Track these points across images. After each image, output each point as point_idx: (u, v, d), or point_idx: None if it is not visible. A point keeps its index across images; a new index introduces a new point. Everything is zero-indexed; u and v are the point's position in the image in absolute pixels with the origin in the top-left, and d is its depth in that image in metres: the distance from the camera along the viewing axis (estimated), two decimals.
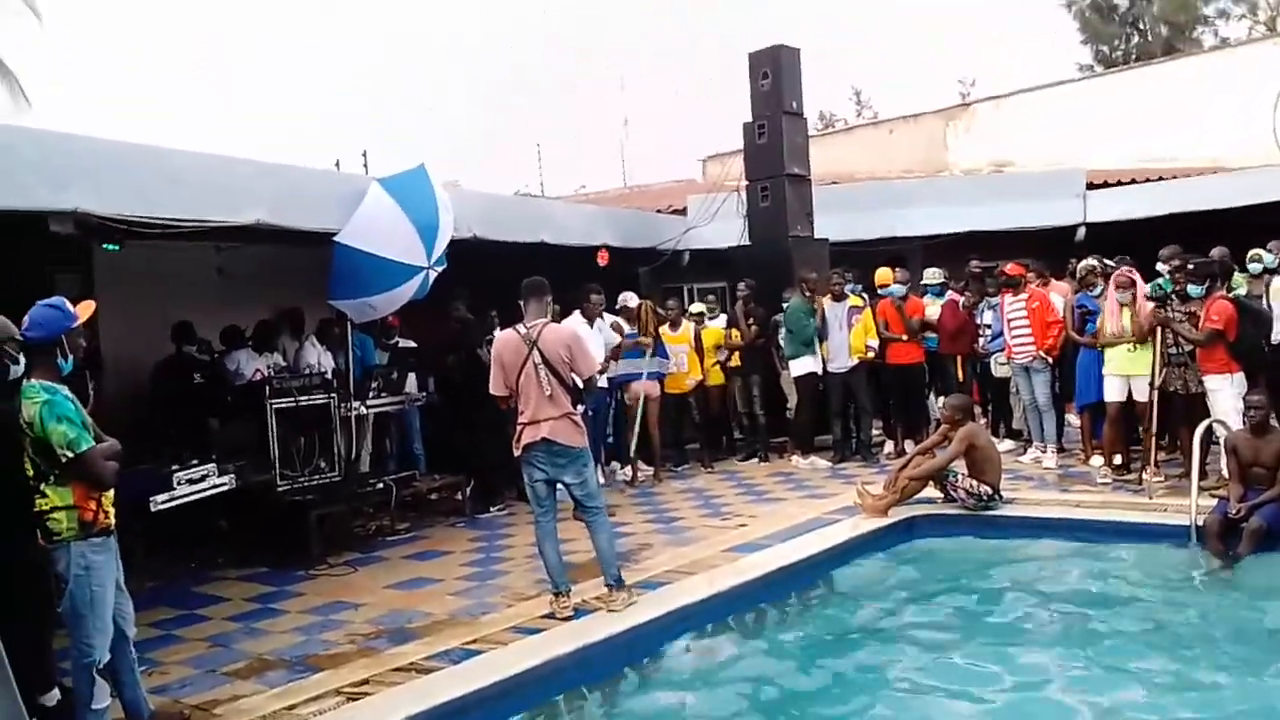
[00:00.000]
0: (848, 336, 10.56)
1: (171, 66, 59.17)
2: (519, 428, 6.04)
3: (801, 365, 10.62)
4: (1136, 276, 8.73)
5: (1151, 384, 8.25)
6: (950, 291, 11.11)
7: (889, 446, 11.00)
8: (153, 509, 6.59)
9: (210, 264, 9.76)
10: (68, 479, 4.25)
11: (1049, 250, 11.95)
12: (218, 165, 7.35)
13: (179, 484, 6.85)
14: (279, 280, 9.61)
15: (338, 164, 10.25)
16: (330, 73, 69.05)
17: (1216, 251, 8.93)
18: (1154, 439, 8.25)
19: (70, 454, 4.20)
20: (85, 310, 4.59)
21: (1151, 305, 8.31)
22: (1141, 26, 30.01)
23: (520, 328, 6.09)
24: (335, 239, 7.65)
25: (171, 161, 7.00)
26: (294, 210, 7.59)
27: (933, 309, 10.96)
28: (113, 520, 4.43)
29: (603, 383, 8.82)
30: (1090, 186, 14.45)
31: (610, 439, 10.26)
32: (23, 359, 4.41)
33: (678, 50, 68.84)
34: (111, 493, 4.44)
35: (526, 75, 69.49)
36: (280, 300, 9.74)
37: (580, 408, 6.22)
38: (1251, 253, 9.02)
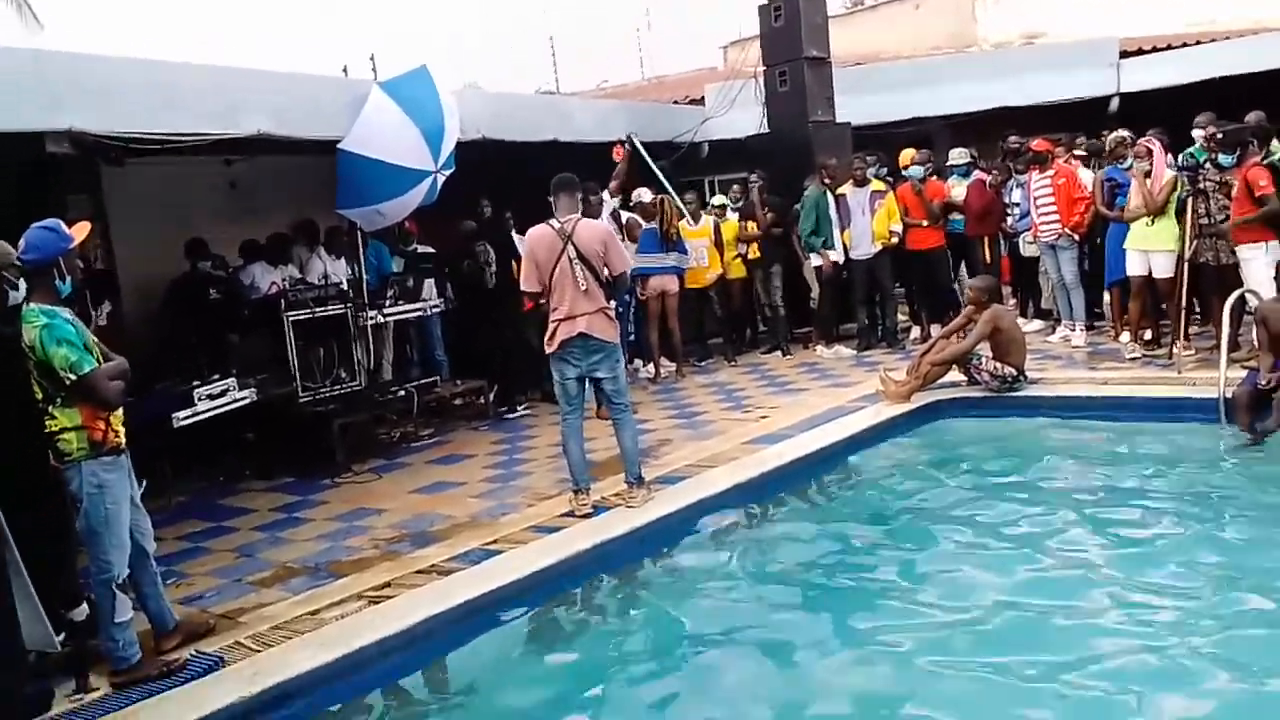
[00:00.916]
0: (870, 222, 10.36)
1: None
2: (553, 324, 6.02)
3: (822, 256, 10.45)
4: (1155, 146, 8.44)
5: (1180, 256, 8.04)
6: (977, 171, 10.80)
7: (915, 332, 10.85)
8: (175, 425, 6.66)
9: (222, 179, 9.71)
10: (74, 400, 4.26)
11: (1083, 124, 11.58)
12: (216, 76, 7.21)
13: (200, 400, 6.89)
14: (293, 192, 9.52)
15: (345, 70, 10.05)
16: None
17: (1252, 116, 8.59)
18: (1183, 312, 8.06)
19: (73, 376, 4.20)
20: (81, 231, 4.56)
21: (1170, 174, 8.05)
22: None
23: (554, 222, 6.03)
24: (339, 146, 7.54)
25: (168, 75, 6.87)
26: (297, 119, 7.46)
27: (958, 190, 10.69)
28: (123, 439, 4.45)
29: None
30: (1124, 55, 13.87)
31: (632, 336, 10.20)
32: (23, 284, 4.39)
33: None
34: (120, 411, 4.45)
35: None
36: (296, 212, 9.67)
37: (613, 303, 6.19)
38: None
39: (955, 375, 8.01)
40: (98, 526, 4.29)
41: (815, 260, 10.55)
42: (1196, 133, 8.79)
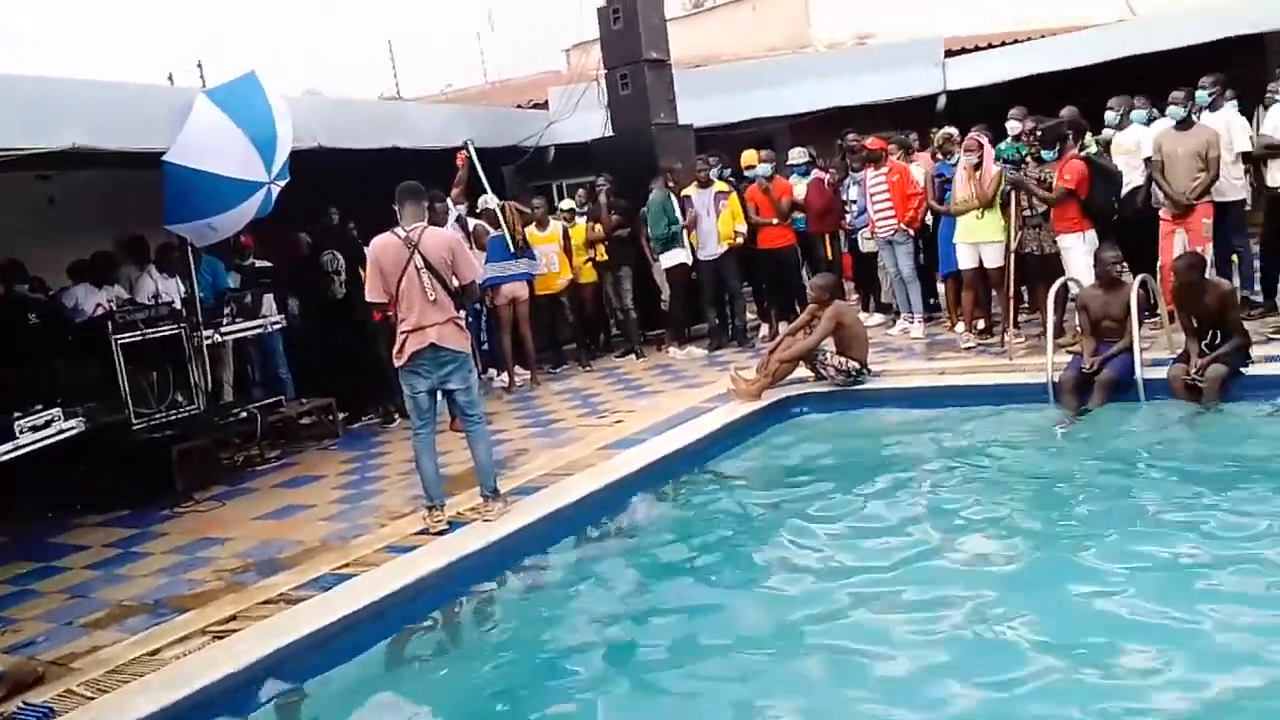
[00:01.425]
0: (715, 223, 10.48)
1: None
2: (402, 336, 5.86)
3: (671, 258, 10.56)
4: (984, 140, 8.81)
5: (1007, 246, 8.42)
6: (815, 170, 11.07)
7: (764, 330, 11.04)
8: None
9: (40, 194, 9.17)
10: None
11: (914, 122, 12.02)
12: (25, 85, 6.80)
13: (22, 432, 6.49)
14: (118, 207, 9.06)
15: (170, 78, 9.60)
16: None
17: (1066, 112, 9.07)
18: (1012, 301, 8.45)
19: None
20: None
21: (998, 169, 8.44)
22: None
23: (399, 231, 5.88)
24: (163, 159, 7.21)
25: None
26: (115, 130, 7.11)
27: (800, 189, 10.93)
28: None
29: None
30: (949, 54, 14.50)
31: (484, 345, 10.08)
32: None
33: None
34: None
35: None
36: (121, 229, 9.19)
37: (462, 312, 6.08)
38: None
39: (803, 371, 8.18)
40: None
41: (665, 262, 10.63)
42: (1011, 125, 9.25)
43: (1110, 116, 9.06)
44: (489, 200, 9.84)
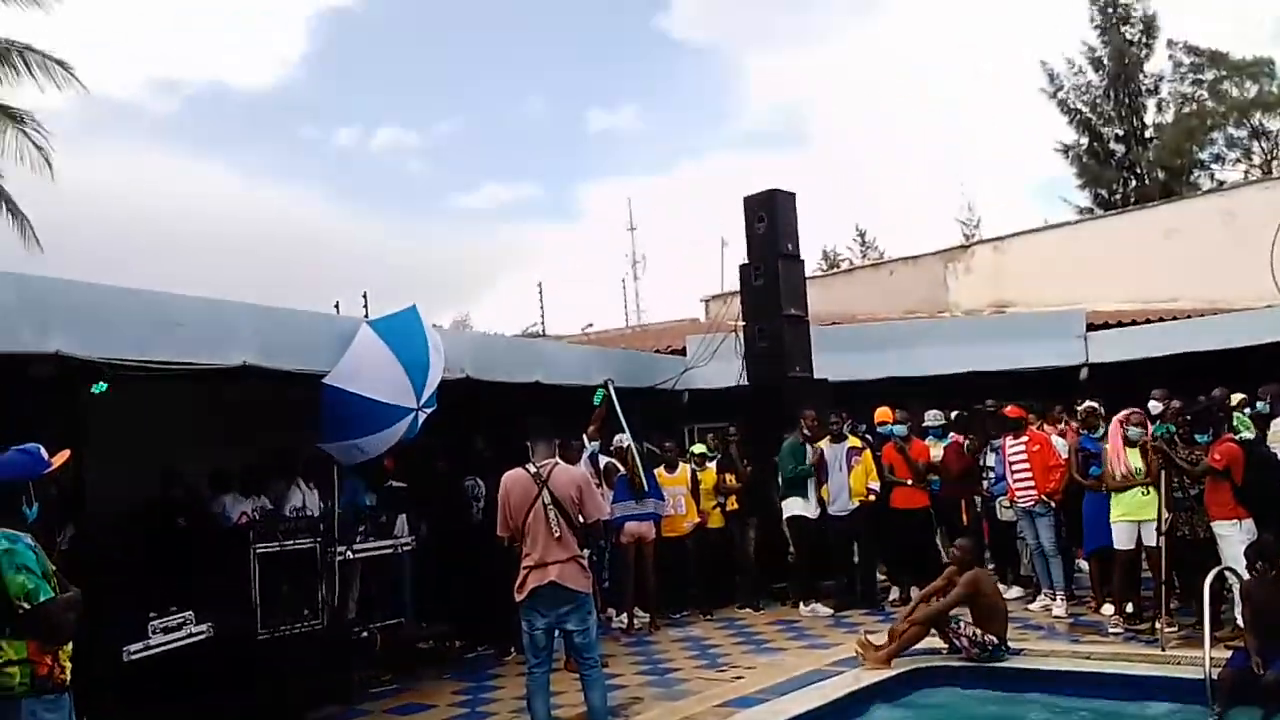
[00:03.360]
0: (847, 478, 10.37)
1: None
2: (524, 571, 5.90)
3: (791, 507, 10.43)
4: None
5: (1159, 528, 8.04)
6: (952, 434, 10.95)
7: (894, 593, 10.67)
8: (125, 659, 6.34)
9: (201, 402, 9.68)
10: (23, 632, 4.06)
11: (1052, 391, 11.89)
12: (206, 307, 7.33)
13: (154, 633, 6.62)
14: (270, 419, 9.50)
15: (337, 306, 10.26)
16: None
17: (1218, 393, 8.85)
18: (1165, 586, 7.98)
19: (28, 605, 4.02)
20: (59, 459, 4.48)
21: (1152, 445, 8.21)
22: (1139, 170, 30.58)
23: (530, 467, 6.02)
24: (324, 381, 7.59)
25: (157, 303, 6.97)
26: (283, 352, 7.55)
27: (935, 450, 10.80)
28: (68, 676, 4.22)
29: None
30: (1091, 327, 14.45)
31: (606, 584, 9.98)
32: None
33: (687, 190, 70.67)
34: (70, 646, 4.24)
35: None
36: (272, 440, 9.60)
37: (587, 551, 6.09)
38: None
39: (935, 642, 7.80)
40: None
41: (785, 510, 10.49)
42: (1153, 405, 9.04)
43: (1261, 406, 8.80)
44: (624, 439, 9.99)
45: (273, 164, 79.76)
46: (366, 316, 9.11)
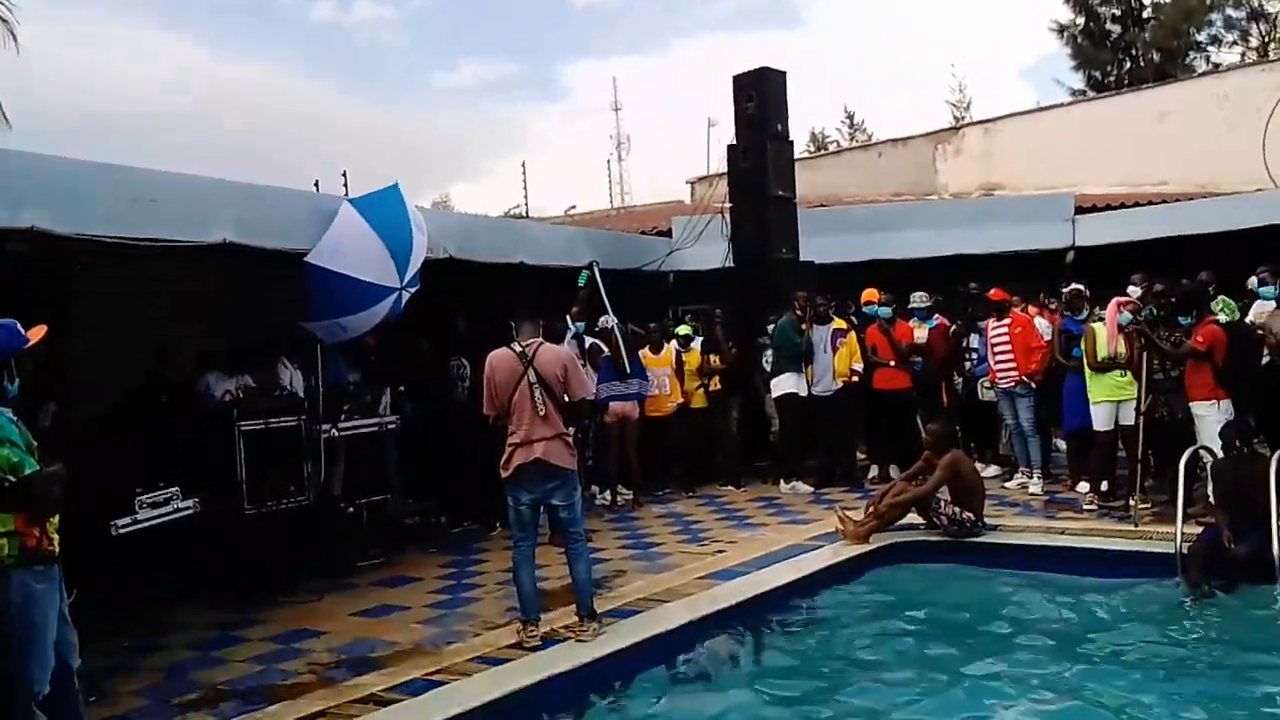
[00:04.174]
0: (832, 360, 10.43)
1: None
2: (509, 449, 5.93)
3: (782, 385, 10.48)
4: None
5: (1138, 409, 8.12)
6: (938, 316, 10.97)
7: (873, 471, 10.83)
8: (114, 533, 6.40)
9: (183, 281, 9.59)
10: (10, 505, 4.09)
11: (1038, 274, 11.87)
12: (183, 184, 7.20)
13: (142, 508, 6.67)
14: (257, 299, 9.42)
15: (317, 184, 10.05)
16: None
17: (1203, 276, 8.86)
18: (1140, 465, 8.11)
19: (12, 479, 4.03)
20: (36, 334, 4.45)
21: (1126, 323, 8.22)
22: (1134, 52, 30.02)
23: (515, 346, 6.01)
24: (305, 259, 7.51)
25: (133, 179, 6.85)
26: (264, 230, 7.45)
27: (919, 333, 10.83)
28: (56, 547, 4.26)
29: None
30: (1079, 210, 14.35)
31: (590, 462, 10.09)
32: None
33: (674, 70, 69.29)
34: (56, 519, 4.27)
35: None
36: (256, 319, 9.54)
37: (571, 429, 6.12)
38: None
39: (914, 517, 7.96)
40: (22, 640, 4.06)
41: (775, 390, 10.56)
42: (1131, 290, 9.02)
43: (1253, 282, 8.81)
44: (609, 321, 9.99)
45: (245, 39, 77.60)
46: (347, 196, 8.94)
